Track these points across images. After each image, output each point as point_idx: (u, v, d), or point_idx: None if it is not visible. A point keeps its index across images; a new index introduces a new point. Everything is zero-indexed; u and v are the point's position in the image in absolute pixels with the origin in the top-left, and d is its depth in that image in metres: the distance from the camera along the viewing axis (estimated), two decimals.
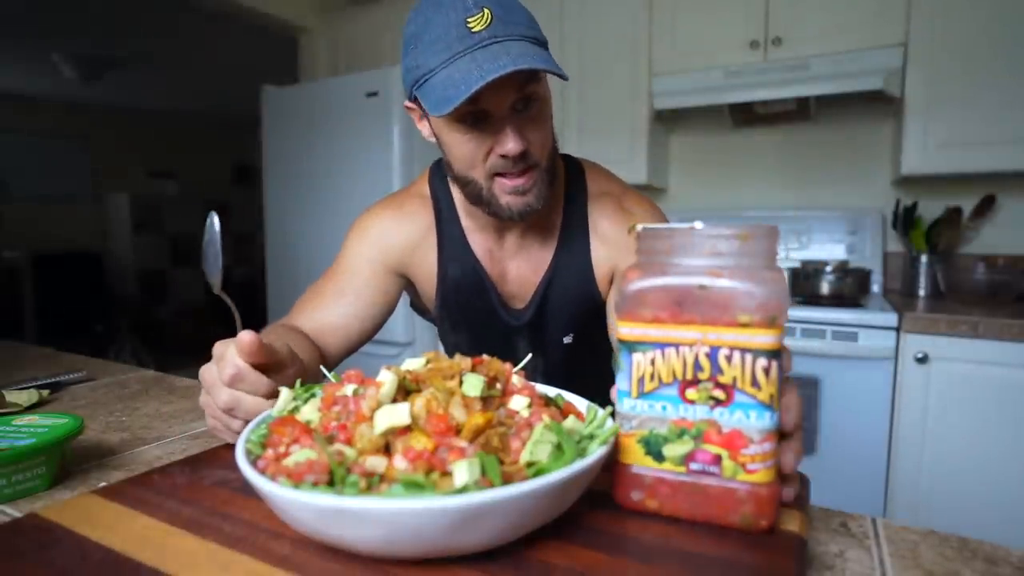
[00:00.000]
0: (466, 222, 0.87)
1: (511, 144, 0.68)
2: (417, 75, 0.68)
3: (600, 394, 0.63)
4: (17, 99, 5.24)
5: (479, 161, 0.72)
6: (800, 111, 2.22)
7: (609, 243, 0.85)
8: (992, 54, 1.74)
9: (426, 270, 0.88)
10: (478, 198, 0.76)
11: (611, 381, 0.44)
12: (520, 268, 0.88)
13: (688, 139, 2.57)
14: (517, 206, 0.75)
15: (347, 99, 2.41)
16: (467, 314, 0.90)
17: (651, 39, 2.24)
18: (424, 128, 0.78)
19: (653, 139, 2.34)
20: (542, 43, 0.70)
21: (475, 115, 0.68)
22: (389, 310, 0.90)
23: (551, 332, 0.90)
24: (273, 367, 0.56)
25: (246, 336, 0.51)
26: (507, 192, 0.74)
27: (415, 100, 0.73)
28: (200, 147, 6.65)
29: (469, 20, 0.64)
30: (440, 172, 0.90)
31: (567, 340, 0.90)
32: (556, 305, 0.87)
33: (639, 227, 0.43)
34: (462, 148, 0.72)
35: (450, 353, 0.98)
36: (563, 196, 0.87)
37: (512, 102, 0.68)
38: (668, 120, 2.48)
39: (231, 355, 0.53)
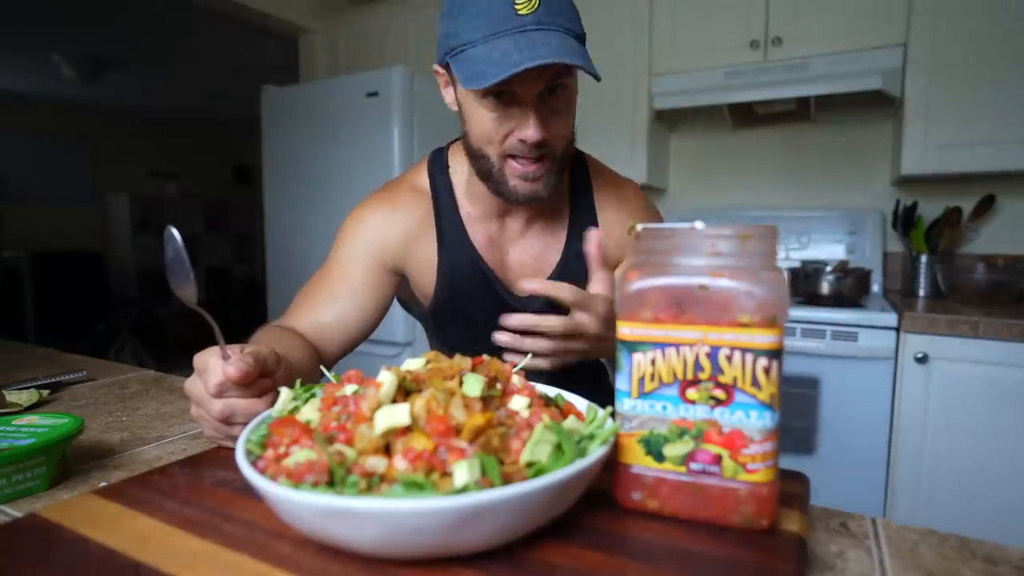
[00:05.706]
0: (465, 210, 0.87)
1: (531, 131, 0.70)
2: (454, 43, 0.69)
3: (595, 373, 0.62)
4: (17, 99, 5.24)
5: (497, 139, 0.73)
6: (800, 111, 2.22)
7: (612, 235, 0.87)
8: (992, 55, 1.74)
9: (424, 262, 0.88)
10: (487, 174, 0.77)
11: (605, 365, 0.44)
12: (521, 256, 0.88)
13: (688, 139, 2.57)
14: (524, 191, 0.76)
15: (347, 99, 2.41)
16: (466, 304, 0.89)
17: (651, 39, 2.24)
18: (448, 95, 0.79)
19: (653, 139, 2.34)
20: (581, 38, 0.71)
21: (503, 95, 0.70)
22: (385, 307, 0.90)
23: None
24: (261, 373, 0.55)
25: (232, 369, 0.51)
26: (517, 176, 0.75)
27: (446, 66, 0.74)
28: (200, 147, 6.65)
29: (517, 1, 0.65)
30: (439, 162, 0.90)
31: None
32: None
33: (639, 227, 0.43)
34: (484, 124, 0.73)
35: (441, 349, 0.98)
36: (568, 184, 0.88)
37: (541, 90, 0.69)
38: (668, 120, 2.47)
39: (214, 365, 0.52)
